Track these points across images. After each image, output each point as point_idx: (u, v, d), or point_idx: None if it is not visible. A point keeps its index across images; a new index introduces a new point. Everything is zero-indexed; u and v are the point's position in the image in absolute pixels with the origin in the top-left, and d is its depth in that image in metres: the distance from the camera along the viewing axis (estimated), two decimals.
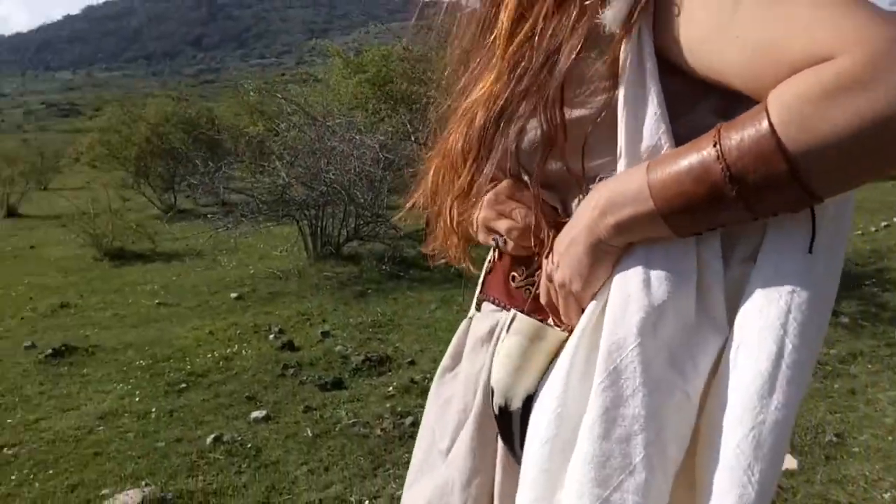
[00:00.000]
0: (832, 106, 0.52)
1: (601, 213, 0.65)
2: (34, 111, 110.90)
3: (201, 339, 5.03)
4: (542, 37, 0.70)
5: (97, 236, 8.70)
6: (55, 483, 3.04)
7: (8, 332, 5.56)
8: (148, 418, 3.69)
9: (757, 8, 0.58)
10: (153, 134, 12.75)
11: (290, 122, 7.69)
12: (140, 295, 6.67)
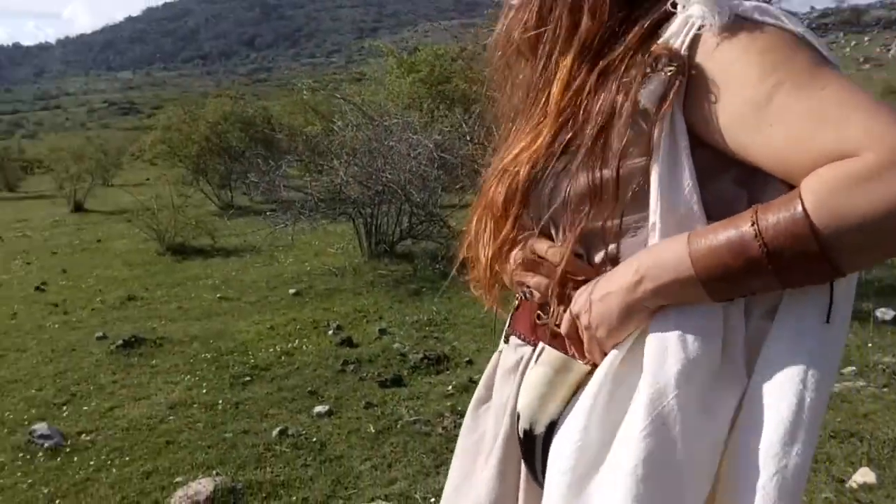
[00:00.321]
0: (858, 196, 0.60)
1: (640, 279, 0.72)
2: (97, 109, 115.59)
3: (262, 334, 5.17)
4: (585, 108, 0.78)
5: (160, 231, 9.00)
6: (131, 469, 3.18)
7: (80, 323, 5.81)
8: (215, 409, 3.81)
9: (790, 103, 0.65)
10: (212, 132, 13.11)
11: (348, 122, 7.81)
12: (202, 289, 6.87)
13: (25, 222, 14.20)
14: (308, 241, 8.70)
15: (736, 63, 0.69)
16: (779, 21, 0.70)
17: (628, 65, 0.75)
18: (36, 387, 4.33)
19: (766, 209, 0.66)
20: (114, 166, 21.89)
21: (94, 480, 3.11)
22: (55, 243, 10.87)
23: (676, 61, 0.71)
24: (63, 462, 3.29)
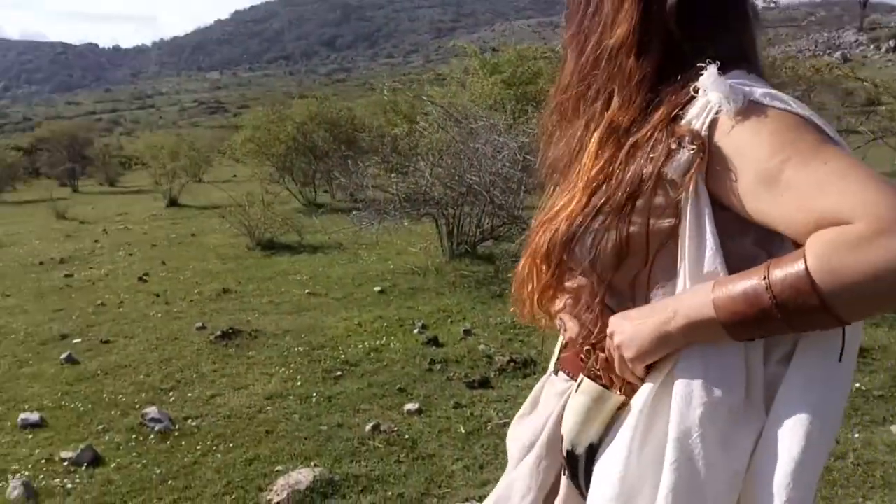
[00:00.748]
0: (851, 259, 0.70)
1: (673, 315, 0.83)
2: (187, 108, 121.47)
3: (351, 330, 5.32)
4: (616, 177, 0.88)
5: (251, 227, 9.39)
6: (234, 456, 3.35)
7: (181, 313, 6.15)
8: (309, 402, 3.95)
9: (797, 176, 0.75)
10: (299, 132, 13.55)
11: (432, 123, 7.92)
12: (291, 284, 7.13)
13: (126, 216, 15.12)
14: (390, 239, 8.86)
15: (750, 142, 0.80)
16: (787, 105, 0.80)
17: (655, 141, 0.86)
18: (144, 372, 4.63)
19: (776, 265, 0.76)
20: (205, 163, 22.95)
21: (201, 464, 3.30)
22: (154, 236, 11.52)
23: (698, 140, 0.82)
24: (172, 445, 3.51)
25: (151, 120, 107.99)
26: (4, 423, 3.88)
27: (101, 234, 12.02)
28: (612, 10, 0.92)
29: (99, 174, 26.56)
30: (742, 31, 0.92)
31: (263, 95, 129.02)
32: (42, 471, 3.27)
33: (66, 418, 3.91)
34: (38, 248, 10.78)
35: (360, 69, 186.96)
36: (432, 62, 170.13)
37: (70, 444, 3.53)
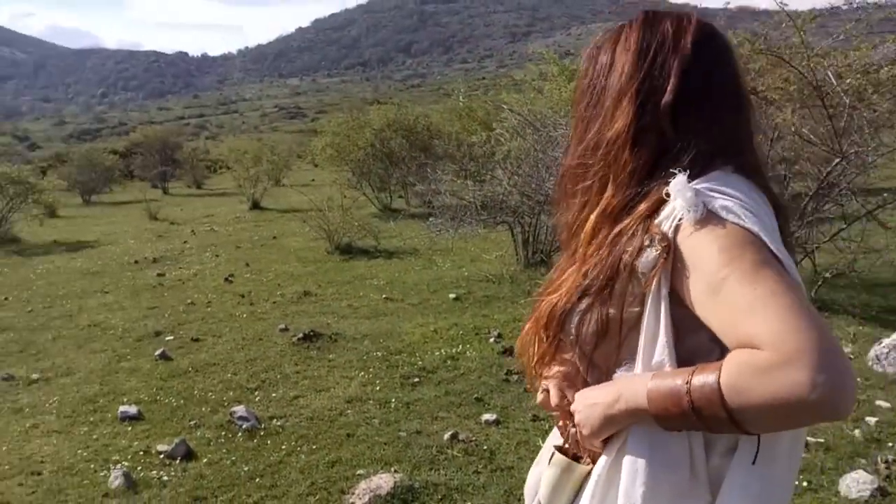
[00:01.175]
0: (754, 383, 0.77)
1: (618, 398, 0.93)
2: (268, 113, 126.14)
3: (427, 336, 5.38)
4: (600, 261, 0.97)
5: (330, 231, 9.65)
6: (317, 457, 3.45)
7: (265, 315, 6.39)
8: (388, 407, 4.02)
9: (732, 294, 0.83)
10: (376, 139, 13.81)
11: (510, 130, 7.90)
12: (368, 289, 7.28)
13: (212, 217, 15.82)
14: (464, 246, 8.92)
15: (703, 252, 0.87)
16: (739, 220, 0.87)
17: (634, 233, 0.94)
18: (231, 371, 4.83)
19: (699, 371, 0.85)
20: (285, 167, 23.74)
21: (286, 464, 3.41)
22: (238, 238, 12.00)
23: (664, 242, 0.90)
24: (259, 444, 3.65)
25: (235, 124, 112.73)
26: (106, 414, 4.14)
27: (190, 235, 12.63)
28: (611, 105, 1.00)
29: (187, 177, 27.93)
30: (734, 125, 0.99)
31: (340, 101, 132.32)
32: (140, 462, 3.47)
33: (161, 412, 4.13)
34: (133, 247, 11.44)
35: (435, 74, 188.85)
36: (506, 67, 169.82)
37: (165, 438, 3.72)
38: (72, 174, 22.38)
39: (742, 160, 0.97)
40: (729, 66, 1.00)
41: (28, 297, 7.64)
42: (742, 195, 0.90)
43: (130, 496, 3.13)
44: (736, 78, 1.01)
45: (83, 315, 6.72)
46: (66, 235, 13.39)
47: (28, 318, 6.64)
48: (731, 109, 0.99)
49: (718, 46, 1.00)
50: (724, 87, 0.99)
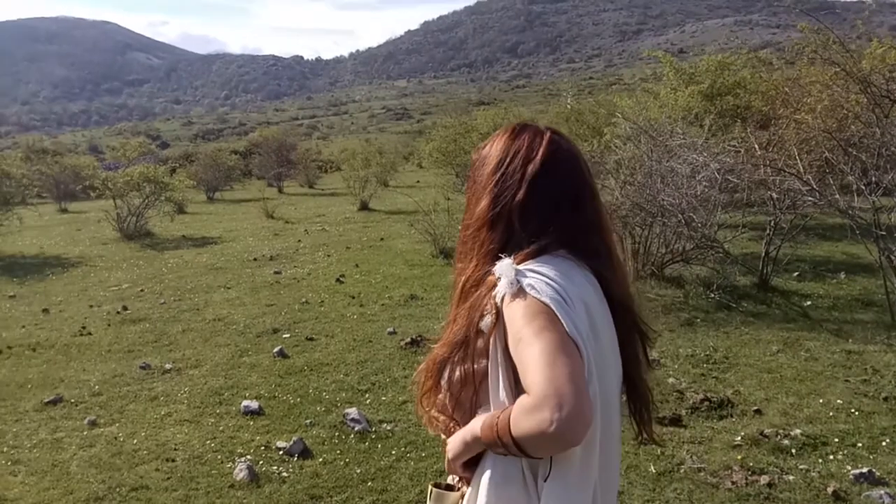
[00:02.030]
0: (523, 419, 1.02)
1: (471, 430, 1.18)
2: (376, 115, 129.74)
3: None
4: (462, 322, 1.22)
5: (435, 235, 9.80)
6: (426, 465, 3.52)
7: (374, 317, 6.59)
8: None
9: (521, 353, 1.07)
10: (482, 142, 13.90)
11: (619, 136, 7.71)
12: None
13: (323, 217, 16.49)
14: None
15: (513, 317, 1.11)
16: (538, 295, 1.09)
17: (483, 301, 1.18)
18: (343, 372, 5.02)
19: (507, 410, 1.09)
20: (392, 169, 24.36)
21: (395, 469, 3.51)
22: (347, 238, 12.44)
23: (494, 310, 1.14)
24: (370, 446, 3.77)
25: (344, 125, 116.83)
26: (230, 407, 4.42)
27: (303, 235, 13.23)
28: (480, 192, 1.27)
29: (300, 177, 29.24)
30: (572, 220, 1.22)
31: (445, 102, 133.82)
32: (262, 457, 3.68)
33: (280, 409, 4.36)
34: (252, 245, 12.13)
35: (541, 75, 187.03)
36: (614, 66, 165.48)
37: (283, 434, 3.93)
38: (198, 173, 24.00)
39: (576, 246, 1.22)
40: (570, 174, 1.25)
41: (160, 290, 8.29)
42: (554, 275, 1.13)
43: (254, 489, 3.33)
44: (576, 183, 1.25)
45: (209, 309, 7.21)
46: (192, 231, 14.41)
47: (161, 310, 7.20)
48: (569, 209, 1.23)
49: (562, 159, 1.24)
50: (563, 192, 1.23)
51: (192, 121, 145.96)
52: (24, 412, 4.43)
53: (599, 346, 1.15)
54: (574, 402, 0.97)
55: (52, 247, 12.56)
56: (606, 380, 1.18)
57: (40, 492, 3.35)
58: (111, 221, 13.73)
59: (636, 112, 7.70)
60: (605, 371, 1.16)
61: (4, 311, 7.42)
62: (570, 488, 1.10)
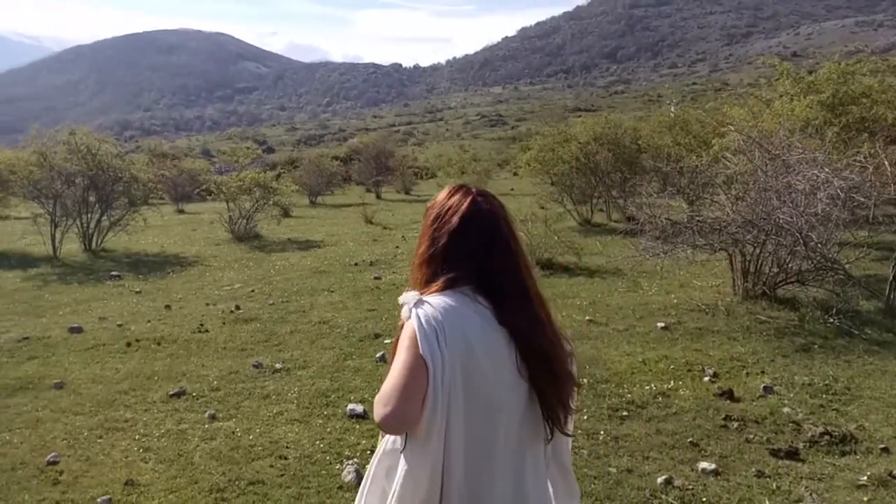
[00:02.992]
0: (375, 409, 1.40)
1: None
2: (471, 121, 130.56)
3: (635, 367, 5.23)
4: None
5: (532, 246, 9.75)
6: None
7: None
8: (596, 439, 3.99)
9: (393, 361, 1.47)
10: (581, 152, 13.70)
11: (728, 147, 7.39)
12: (571, 308, 7.25)
13: (420, 224, 16.78)
14: (671, 269, 8.52)
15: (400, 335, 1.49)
16: (417, 320, 1.46)
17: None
18: None
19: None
20: (486, 177, 24.48)
21: None
22: None
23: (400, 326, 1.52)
24: None
25: (439, 132, 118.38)
26: (336, 409, 4.60)
27: (401, 241, 13.53)
28: (422, 234, 1.65)
29: (397, 182, 29.92)
30: (481, 265, 1.55)
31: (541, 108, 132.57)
32: (368, 460, 3.80)
33: None
34: (353, 249, 12.54)
35: (640, 80, 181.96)
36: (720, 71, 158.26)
37: None
38: (302, 178, 25.06)
39: (481, 286, 1.55)
40: (484, 231, 1.57)
41: (269, 291, 8.73)
42: (441, 305, 1.49)
43: None
44: (488, 238, 1.57)
45: (314, 312, 7.52)
46: (297, 234, 15.08)
47: (270, 311, 7.59)
48: (479, 257, 1.56)
49: (478, 219, 1.58)
50: (475, 245, 1.56)
51: (295, 126, 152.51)
52: (151, 402, 4.80)
53: (475, 361, 1.47)
54: (394, 405, 1.37)
55: (172, 246, 13.51)
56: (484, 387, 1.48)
57: (168, 479, 3.62)
58: (223, 223, 14.59)
59: (748, 122, 7.35)
60: (482, 380, 1.48)
61: (132, 306, 8.06)
62: (414, 459, 1.49)
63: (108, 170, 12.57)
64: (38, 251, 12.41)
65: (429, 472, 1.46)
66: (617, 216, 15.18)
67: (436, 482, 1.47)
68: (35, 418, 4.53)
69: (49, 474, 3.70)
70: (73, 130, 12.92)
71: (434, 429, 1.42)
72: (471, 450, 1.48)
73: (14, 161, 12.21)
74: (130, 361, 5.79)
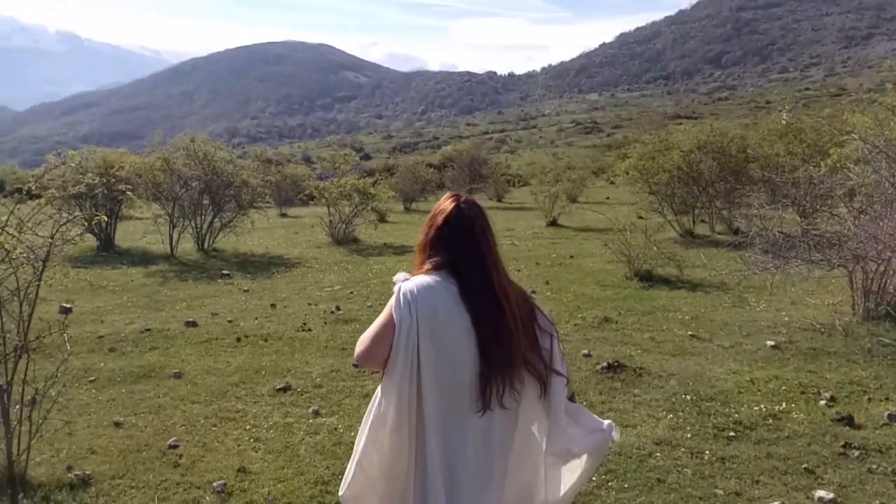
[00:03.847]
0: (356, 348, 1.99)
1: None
2: (565, 129, 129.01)
3: (742, 386, 4.99)
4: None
5: (631, 257, 9.52)
6: (628, 496, 3.45)
7: (567, 336, 6.56)
8: (701, 458, 3.84)
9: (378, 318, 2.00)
10: (684, 161, 13.24)
11: (854, 159, 6.92)
12: (671, 322, 7.01)
13: (512, 232, 16.75)
14: (781, 284, 8.06)
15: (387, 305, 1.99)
16: (398, 292, 1.92)
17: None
18: None
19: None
20: (581, 185, 24.08)
21: (597, 496, 3.47)
22: (536, 254, 12.51)
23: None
24: None
25: (532, 139, 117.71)
26: None
27: None
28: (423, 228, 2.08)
29: (489, 190, 30.01)
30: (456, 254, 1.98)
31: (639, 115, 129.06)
32: None
33: None
34: None
35: (747, 86, 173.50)
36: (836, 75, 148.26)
37: None
38: (398, 184, 25.63)
39: (456, 268, 1.97)
40: (462, 230, 2.00)
41: (367, 294, 8.99)
42: (419, 284, 1.93)
43: None
44: (464, 235, 2.00)
45: None
46: (392, 239, 15.43)
47: (368, 313, 7.81)
48: (455, 250, 1.99)
49: (458, 220, 2.01)
50: (453, 239, 2.00)
51: (391, 134, 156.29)
52: (260, 396, 5.06)
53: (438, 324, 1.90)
54: (366, 347, 1.91)
55: (276, 247, 14.17)
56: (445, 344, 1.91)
57: (276, 469, 3.80)
58: (324, 227, 15.16)
59: (873, 130, 6.85)
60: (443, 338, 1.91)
61: (241, 304, 8.52)
62: (385, 388, 1.96)
63: (222, 175, 13.37)
64: (157, 249, 13.37)
65: (395, 398, 1.91)
66: (721, 228, 14.53)
67: (403, 418, 1.91)
68: (157, 404, 4.89)
69: (170, 457, 3.98)
70: (193, 138, 13.84)
71: (397, 368, 1.89)
72: (444, 392, 1.92)
73: (140, 165, 13.21)
74: (240, 356, 6.13)
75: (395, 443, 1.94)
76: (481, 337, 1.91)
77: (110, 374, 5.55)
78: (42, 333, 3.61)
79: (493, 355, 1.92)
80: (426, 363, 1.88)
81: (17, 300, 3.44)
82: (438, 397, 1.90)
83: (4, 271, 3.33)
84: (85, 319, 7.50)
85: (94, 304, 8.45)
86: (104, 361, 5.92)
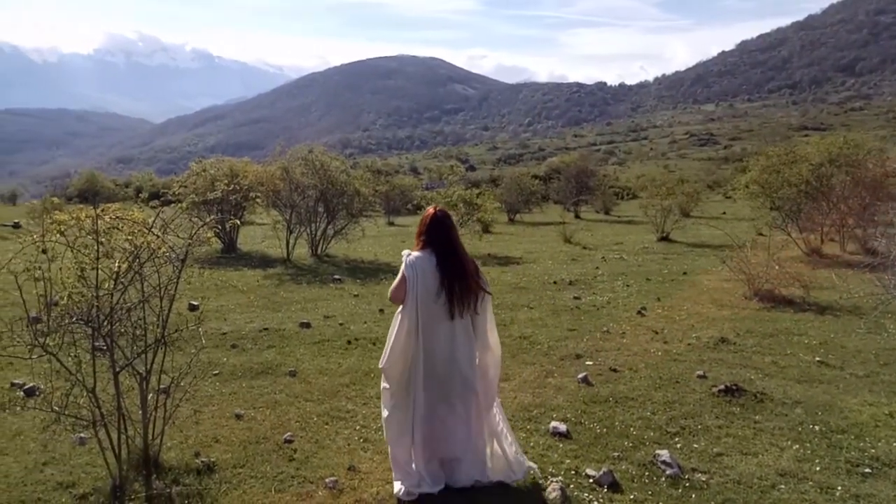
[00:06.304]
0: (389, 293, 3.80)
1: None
2: (678, 140, 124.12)
3: (879, 420, 4.57)
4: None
5: (751, 275, 8.99)
6: None
7: (680, 356, 6.29)
8: (832, 494, 3.55)
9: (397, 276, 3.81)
10: (812, 175, 12.37)
11: None
12: (797, 347, 6.55)
13: (621, 245, 16.30)
14: None
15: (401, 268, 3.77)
16: (404, 261, 3.65)
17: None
18: (650, 410, 4.88)
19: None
20: (695, 199, 23.06)
21: None
22: (647, 269, 12.10)
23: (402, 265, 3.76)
24: (683, 494, 3.60)
25: (643, 151, 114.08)
26: (539, 425, 4.61)
27: (601, 262, 13.24)
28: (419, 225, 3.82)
29: (596, 202, 29.42)
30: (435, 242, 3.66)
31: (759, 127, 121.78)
32: (572, 480, 3.76)
33: (586, 436, 4.41)
34: (551, 268, 12.53)
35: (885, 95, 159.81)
36: None
37: (591, 463, 3.97)
38: (502, 195, 25.68)
39: (439, 248, 3.63)
40: (438, 228, 3.67)
41: None
42: (416, 256, 3.63)
43: None
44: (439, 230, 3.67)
45: (514, 326, 7.64)
46: (496, 250, 15.45)
47: None
48: (436, 238, 3.66)
49: (435, 222, 3.68)
50: (436, 233, 3.67)
51: (496, 146, 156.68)
52: (369, 397, 5.20)
53: (425, 278, 3.55)
54: (394, 291, 3.59)
55: (384, 254, 14.57)
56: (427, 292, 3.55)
57: (384, 471, 3.89)
58: None
59: None
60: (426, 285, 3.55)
61: (351, 308, 8.82)
62: (403, 314, 3.60)
63: (336, 184, 13.94)
64: (274, 253, 14.13)
65: (407, 316, 3.58)
66: (853, 247, 13.43)
67: (412, 325, 3.56)
68: (273, 400, 5.15)
69: (285, 451, 4.18)
70: (311, 148, 14.54)
71: (409, 303, 3.55)
72: (426, 316, 3.56)
73: (262, 174, 14.03)
74: (350, 357, 6.34)
75: (407, 338, 3.57)
76: (448, 283, 3.55)
77: (232, 369, 5.91)
78: (178, 328, 3.90)
79: (455, 289, 3.56)
80: (420, 297, 3.53)
81: (157, 296, 3.74)
82: (426, 314, 3.55)
83: (150, 269, 3.63)
84: (210, 317, 8.03)
85: (218, 302, 9.04)
86: (227, 357, 6.31)
